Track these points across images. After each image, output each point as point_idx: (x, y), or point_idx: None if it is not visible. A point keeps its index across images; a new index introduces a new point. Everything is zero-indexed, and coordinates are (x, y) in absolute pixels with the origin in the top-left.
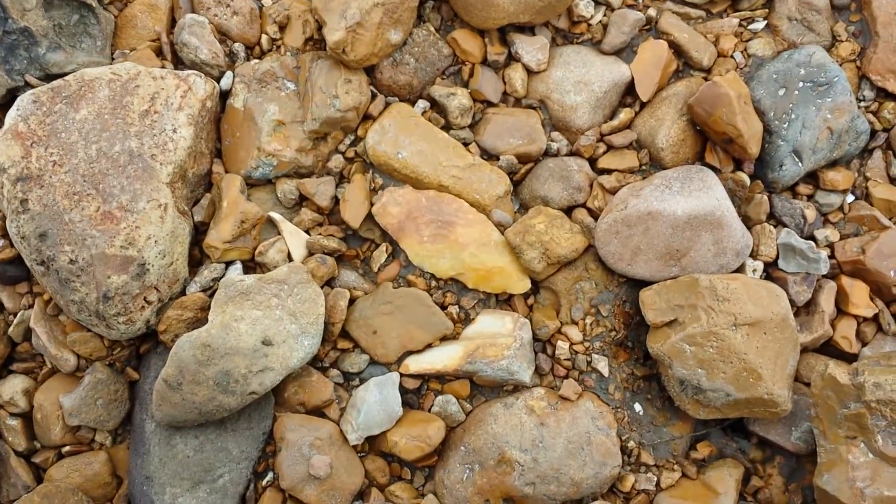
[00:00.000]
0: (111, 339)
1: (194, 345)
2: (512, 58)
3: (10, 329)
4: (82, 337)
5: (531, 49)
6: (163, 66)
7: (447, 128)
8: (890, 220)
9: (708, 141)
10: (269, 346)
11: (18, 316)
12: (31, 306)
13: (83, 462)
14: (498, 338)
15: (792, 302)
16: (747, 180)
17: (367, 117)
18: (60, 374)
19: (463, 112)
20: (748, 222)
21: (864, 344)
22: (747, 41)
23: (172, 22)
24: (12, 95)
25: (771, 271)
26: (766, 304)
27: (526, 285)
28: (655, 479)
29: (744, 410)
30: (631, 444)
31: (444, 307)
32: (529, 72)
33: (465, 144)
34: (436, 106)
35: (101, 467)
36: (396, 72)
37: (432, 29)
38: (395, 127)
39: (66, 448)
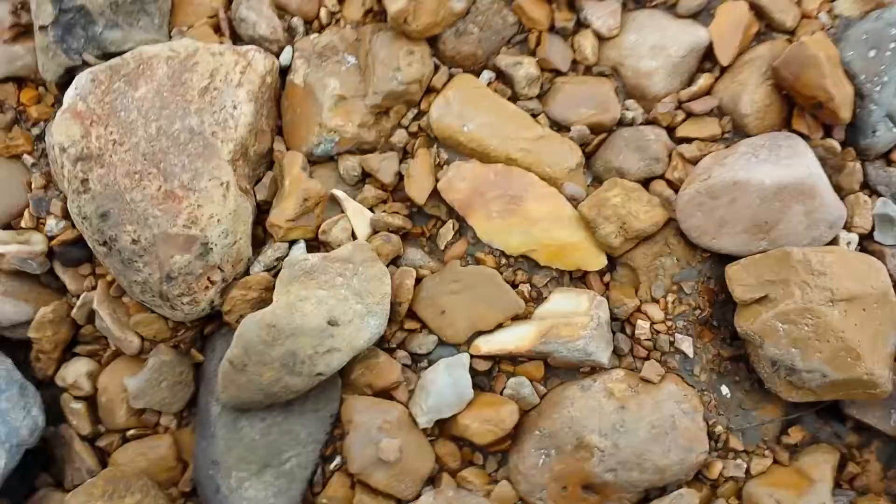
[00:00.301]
0: (175, 321)
1: (259, 325)
2: (581, 24)
3: (74, 311)
4: (146, 318)
5: (602, 14)
6: (221, 43)
7: (514, 99)
8: None
9: (795, 106)
10: (335, 326)
11: (81, 298)
12: (93, 288)
13: (148, 446)
14: (573, 317)
15: (891, 276)
16: (838, 147)
17: (430, 90)
18: (125, 356)
19: (530, 82)
20: (841, 192)
21: None
22: (833, 1)
23: None
24: (70, 75)
25: (866, 244)
26: (865, 278)
27: (602, 261)
28: (745, 465)
29: (840, 392)
30: (718, 428)
31: (514, 285)
32: (600, 38)
33: (534, 115)
34: (502, 76)
35: (167, 451)
36: (460, 42)
37: None
38: (460, 99)
39: (131, 432)
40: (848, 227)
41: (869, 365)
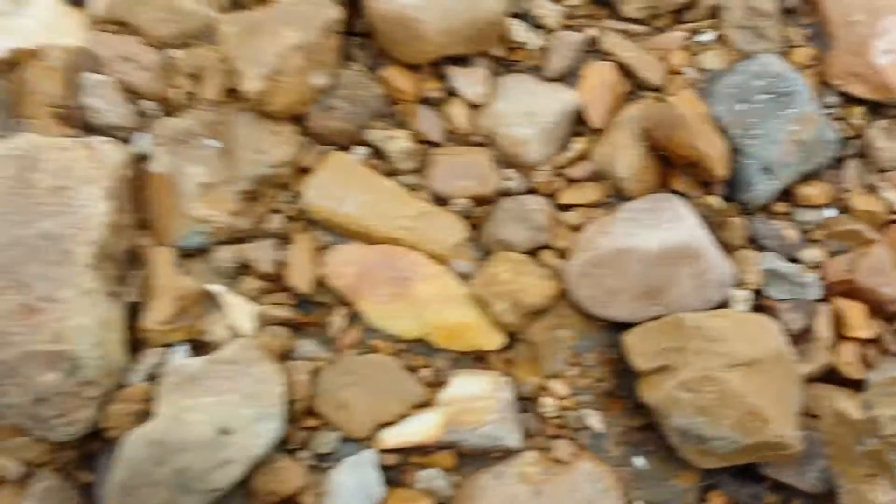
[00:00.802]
0: (58, 441)
1: (143, 443)
2: (450, 93)
3: None
4: (24, 442)
5: (469, 82)
6: (67, 136)
7: (392, 174)
8: (875, 231)
9: (672, 165)
10: (228, 434)
11: None
12: None
13: None
14: (477, 401)
15: (788, 331)
16: (719, 204)
17: (302, 170)
18: (7, 482)
19: (406, 156)
20: (727, 249)
21: (870, 367)
22: (697, 54)
23: (74, 84)
24: None
25: (760, 300)
26: (761, 339)
27: (499, 340)
28: None
29: (753, 456)
30: (638, 503)
31: (414, 371)
32: (471, 106)
33: (414, 190)
34: (376, 151)
35: None
36: (327, 118)
37: (361, 68)
38: (334, 179)
39: None
40: (740, 284)
41: (777, 427)
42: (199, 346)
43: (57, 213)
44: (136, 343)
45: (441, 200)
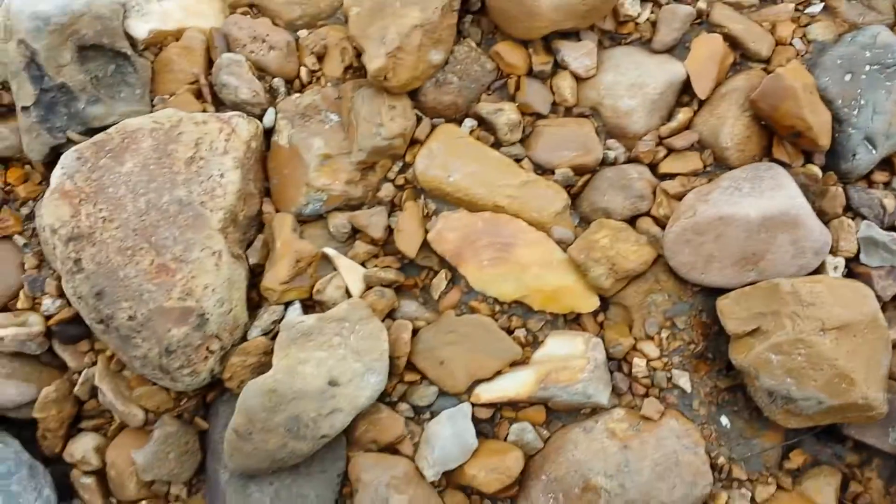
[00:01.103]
0: (177, 391)
1: (261, 391)
2: (558, 66)
3: (77, 388)
4: (148, 391)
5: (577, 55)
6: (204, 110)
7: (497, 145)
8: None
9: (774, 135)
10: (336, 386)
11: (83, 374)
12: (94, 364)
13: None
14: (570, 360)
15: (879, 298)
16: (819, 173)
17: (414, 142)
18: (130, 429)
19: (512, 127)
20: (824, 217)
21: None
22: (805, 26)
23: (210, 62)
24: (56, 153)
25: (853, 267)
26: (854, 304)
27: (594, 303)
28: (749, 493)
29: (837, 416)
30: (721, 459)
31: (510, 332)
32: (578, 79)
33: (518, 161)
34: (483, 124)
35: None
36: (440, 92)
37: (473, 44)
38: (444, 149)
39: (143, 503)
40: (834, 251)
41: (864, 390)
42: (313, 305)
43: (191, 182)
44: (256, 301)
45: (544, 170)
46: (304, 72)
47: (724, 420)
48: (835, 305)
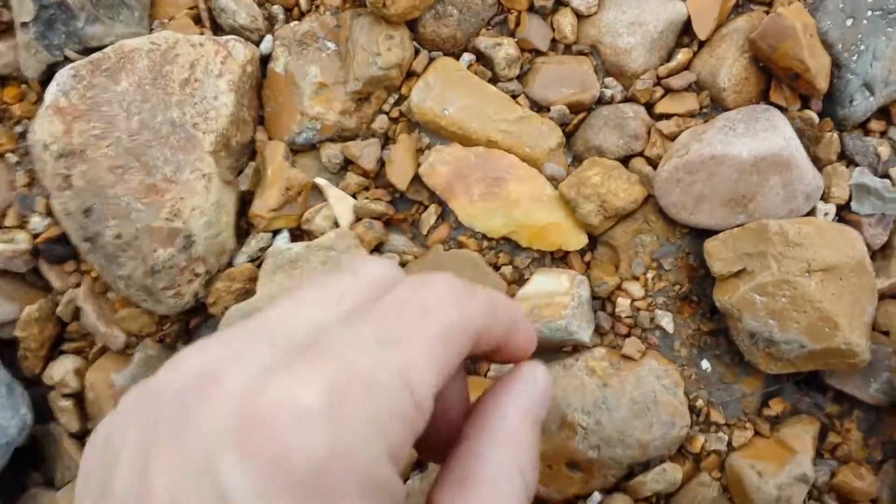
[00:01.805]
0: (160, 314)
1: (242, 315)
2: (560, 2)
3: (60, 309)
4: (131, 313)
5: None
6: (202, 34)
7: (494, 80)
8: None
9: (772, 78)
10: None
11: (67, 295)
12: (78, 285)
13: None
14: (555, 297)
15: (868, 246)
16: (816, 118)
17: (410, 74)
18: (111, 352)
19: (510, 63)
20: (818, 163)
21: None
22: None
23: None
24: (52, 71)
25: (844, 215)
26: (842, 247)
27: (582, 241)
28: (727, 438)
29: (819, 363)
30: (699, 402)
31: (497, 268)
32: (579, 16)
33: (514, 97)
34: (482, 58)
35: None
36: (439, 24)
37: None
38: (440, 83)
39: None
40: (825, 197)
41: (847, 334)
42: (301, 235)
43: (184, 104)
44: (245, 230)
45: (540, 107)
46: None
47: (705, 363)
48: (822, 247)
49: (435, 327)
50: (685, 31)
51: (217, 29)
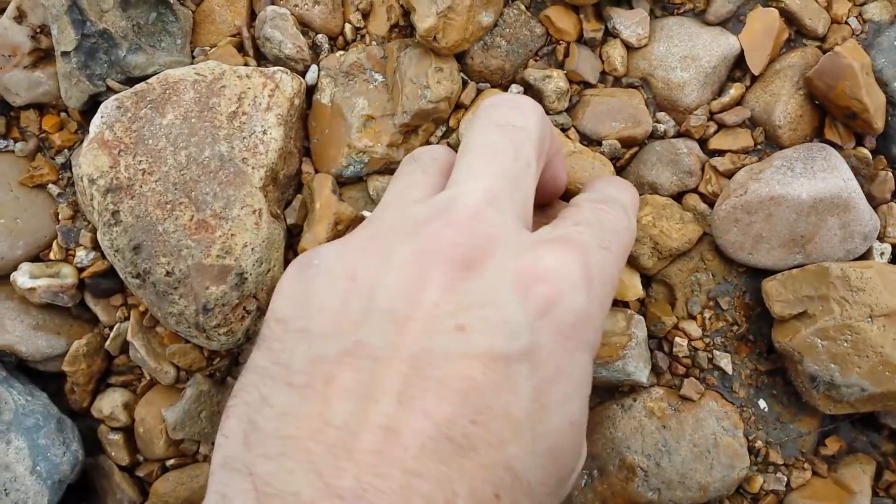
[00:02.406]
0: (211, 350)
1: None
2: (609, 34)
3: (108, 343)
4: (181, 349)
5: (630, 23)
6: (245, 63)
7: (545, 113)
8: None
9: (827, 115)
10: None
11: (115, 329)
12: (126, 318)
13: (189, 475)
14: (611, 336)
15: None
16: (870, 156)
17: (458, 106)
18: (160, 386)
19: (560, 95)
20: (872, 201)
21: None
22: (862, 5)
23: (252, 14)
24: (94, 101)
25: None
26: None
27: (638, 291)
28: (785, 478)
29: (878, 404)
30: (758, 443)
31: None
32: (629, 48)
33: (564, 130)
34: (530, 90)
35: (207, 480)
36: (488, 56)
37: (523, 7)
38: None
39: (171, 461)
40: (881, 237)
41: None
42: None
43: (233, 137)
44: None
45: (591, 141)
46: (348, 28)
47: (763, 403)
48: (884, 292)
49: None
50: (737, 66)
51: (261, 58)
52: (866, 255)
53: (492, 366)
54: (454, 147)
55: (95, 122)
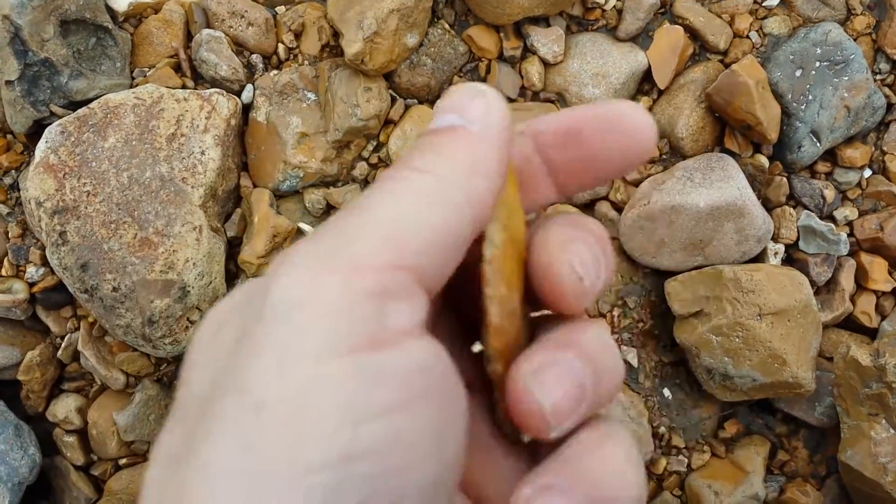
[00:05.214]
0: (158, 357)
1: None
2: (528, 51)
3: (60, 352)
4: (130, 357)
5: (547, 41)
6: (183, 85)
7: None
8: None
9: (726, 126)
10: None
11: (66, 339)
12: (77, 329)
13: (141, 473)
14: None
15: (813, 283)
16: (766, 163)
17: (388, 122)
18: (111, 390)
19: None
20: (768, 204)
21: (884, 317)
22: (763, 19)
23: (189, 36)
24: (39, 125)
25: (792, 253)
26: (790, 292)
27: None
28: (686, 460)
29: (769, 392)
30: (662, 429)
31: None
32: (546, 64)
33: None
34: None
35: None
36: (414, 74)
37: (447, 26)
38: (416, 130)
39: (123, 460)
40: (776, 238)
41: (794, 369)
42: None
43: (172, 158)
44: (233, 273)
45: None
46: (281, 49)
47: (667, 392)
48: (772, 292)
49: None
50: (645, 79)
51: (198, 77)
52: (761, 256)
53: None
54: (383, 161)
55: (41, 147)
